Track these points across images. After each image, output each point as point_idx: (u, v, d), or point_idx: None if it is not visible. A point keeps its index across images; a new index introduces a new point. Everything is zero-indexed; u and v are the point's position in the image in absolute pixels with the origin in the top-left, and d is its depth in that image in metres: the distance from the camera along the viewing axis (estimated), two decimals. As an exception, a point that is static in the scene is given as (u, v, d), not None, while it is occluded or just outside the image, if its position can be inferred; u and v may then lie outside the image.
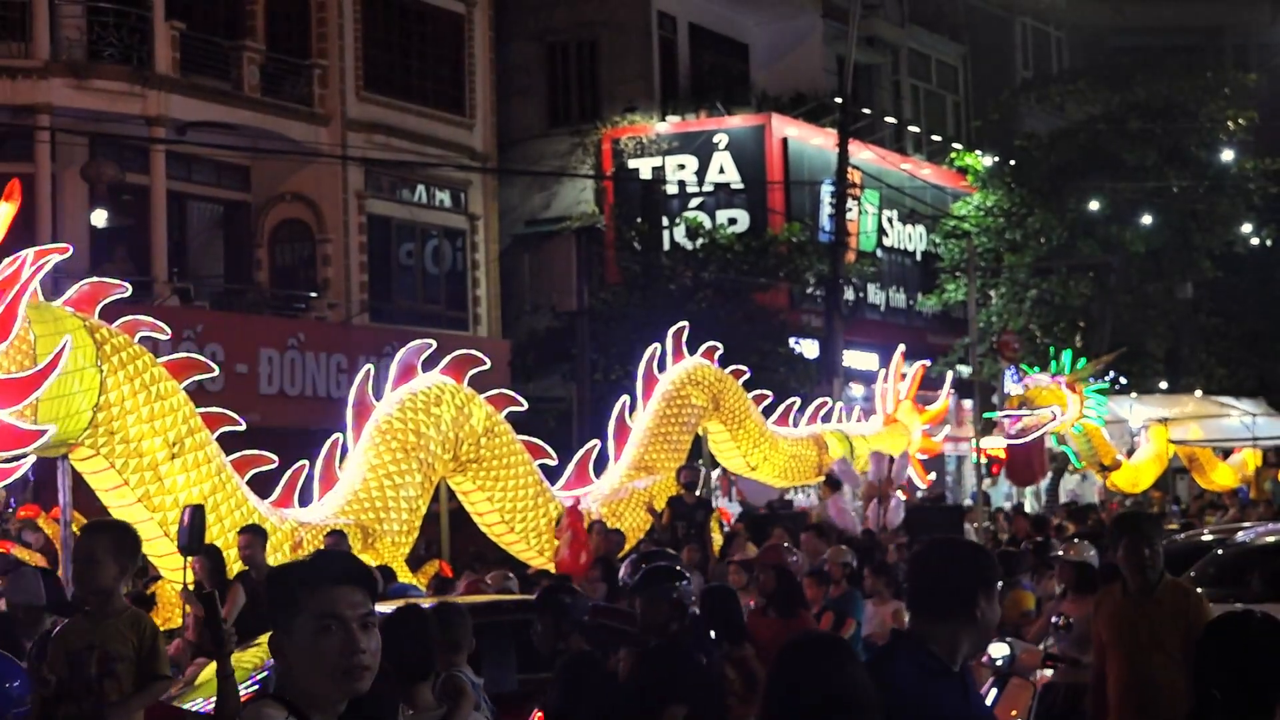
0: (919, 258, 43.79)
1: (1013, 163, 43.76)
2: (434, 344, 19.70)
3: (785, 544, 19.01)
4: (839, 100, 35.59)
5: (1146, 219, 42.53)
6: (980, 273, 41.53)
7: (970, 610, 5.38)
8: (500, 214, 35.77)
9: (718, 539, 21.94)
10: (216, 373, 19.21)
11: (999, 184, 43.41)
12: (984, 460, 32.58)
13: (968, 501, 34.73)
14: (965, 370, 39.35)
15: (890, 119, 44.90)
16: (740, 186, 37.90)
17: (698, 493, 22.37)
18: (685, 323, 25.24)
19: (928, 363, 32.40)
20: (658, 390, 23.57)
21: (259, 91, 29.63)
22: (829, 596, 14.90)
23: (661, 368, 23.79)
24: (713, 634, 10.15)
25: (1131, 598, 9.33)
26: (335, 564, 4.36)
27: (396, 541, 18.16)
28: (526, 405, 21.12)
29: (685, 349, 24.29)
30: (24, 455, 14.27)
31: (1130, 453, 36.45)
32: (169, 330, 16.57)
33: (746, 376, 25.45)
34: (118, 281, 15.74)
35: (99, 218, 28.47)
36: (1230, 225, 44.65)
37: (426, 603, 9.89)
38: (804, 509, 27.79)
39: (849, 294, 36.92)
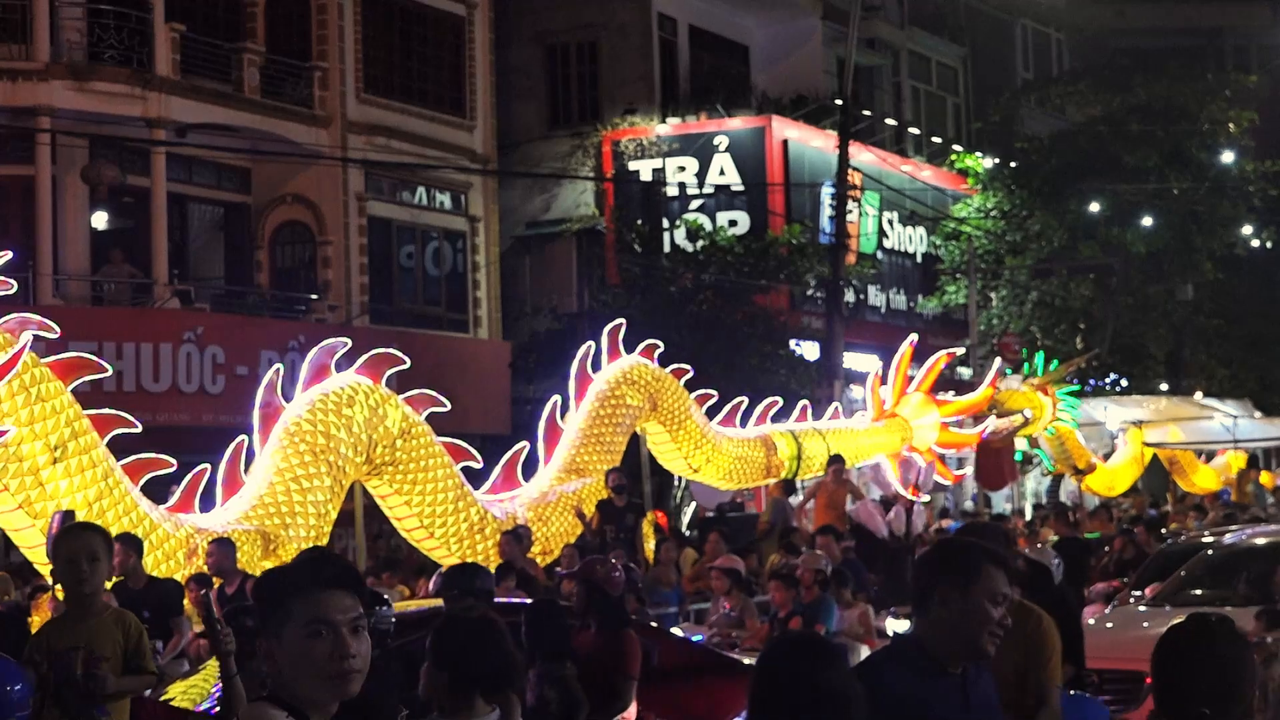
0: (919, 259, 43.78)
1: (1013, 164, 43.81)
2: (349, 343, 18.88)
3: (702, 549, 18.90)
4: (839, 102, 35.56)
5: (1147, 221, 42.57)
6: (981, 275, 41.56)
7: None
8: (501, 216, 35.76)
9: (651, 543, 21.33)
10: (109, 372, 18.52)
11: (999, 186, 43.45)
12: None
13: (968, 504, 34.69)
14: (967, 372, 39.37)
15: (890, 121, 44.90)
16: (740, 188, 37.88)
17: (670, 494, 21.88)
18: (622, 320, 24.51)
19: (958, 351, 31.81)
20: (591, 390, 22.74)
21: (259, 93, 29.62)
22: (799, 601, 14.83)
23: (596, 367, 22.99)
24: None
25: None
26: (325, 569, 4.38)
27: (303, 548, 16.36)
28: (449, 406, 20.30)
29: (622, 347, 23.45)
30: None
31: (1109, 456, 36.25)
32: (58, 329, 15.83)
33: (688, 376, 24.62)
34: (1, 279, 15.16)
35: (99, 220, 28.48)
36: (1231, 227, 44.68)
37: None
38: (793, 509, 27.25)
39: (849, 296, 36.89)
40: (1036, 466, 35.91)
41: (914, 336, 30.59)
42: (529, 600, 11.83)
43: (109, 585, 13.79)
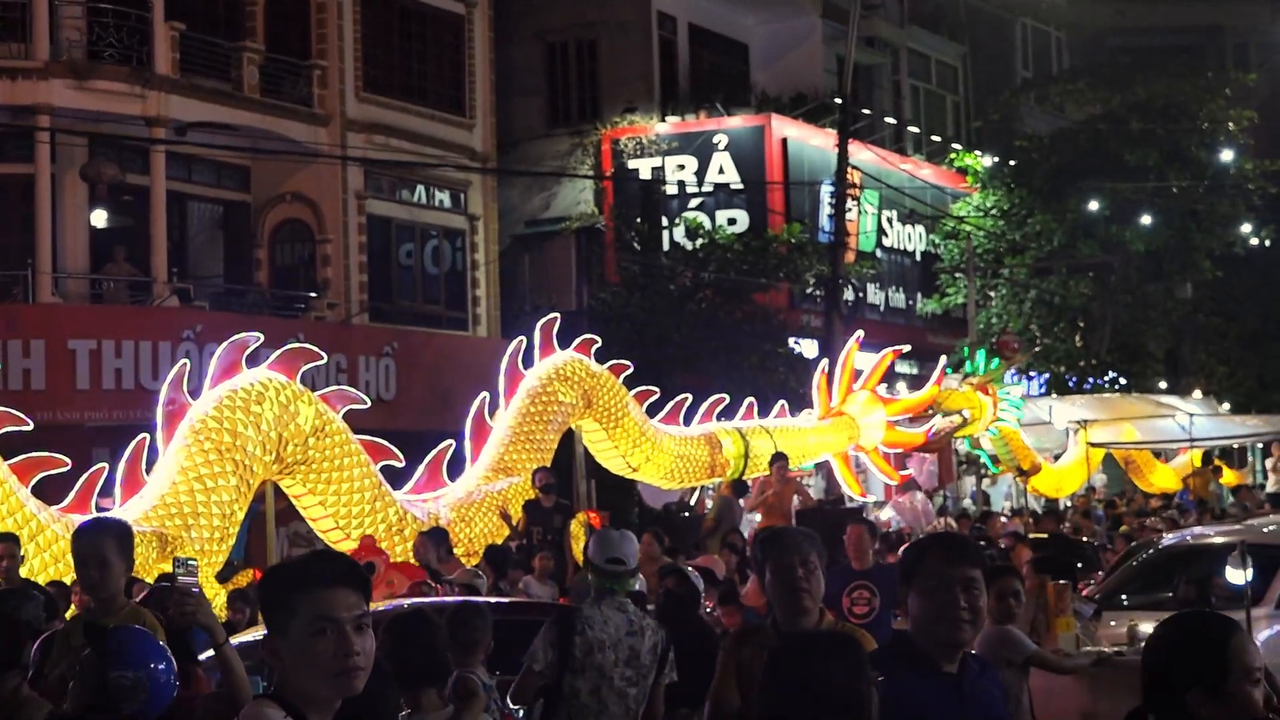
0: (919, 258, 43.81)
1: (1012, 163, 43.82)
2: (261, 337, 18.30)
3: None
4: (839, 100, 35.57)
5: (1146, 219, 42.55)
6: (980, 273, 41.55)
7: None
8: (500, 214, 35.76)
9: (580, 545, 20.86)
10: None
11: (999, 184, 43.47)
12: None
13: (966, 502, 34.64)
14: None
15: (890, 119, 44.94)
16: (740, 187, 37.92)
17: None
18: (557, 315, 24.04)
19: (904, 348, 31.28)
20: (522, 386, 22.16)
21: (259, 92, 29.62)
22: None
23: (528, 363, 22.40)
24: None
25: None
26: (329, 566, 4.40)
27: (206, 549, 16.79)
28: (369, 404, 20.04)
29: (555, 343, 22.86)
30: None
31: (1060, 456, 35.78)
32: None
33: (628, 372, 24.04)
34: None
35: (99, 218, 28.47)
36: (1230, 225, 44.69)
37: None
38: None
39: (849, 294, 36.91)
40: (980, 469, 35.40)
41: (860, 332, 30.07)
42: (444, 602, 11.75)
43: None
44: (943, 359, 32.37)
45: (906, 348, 31.69)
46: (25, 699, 7.00)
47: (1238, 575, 13.12)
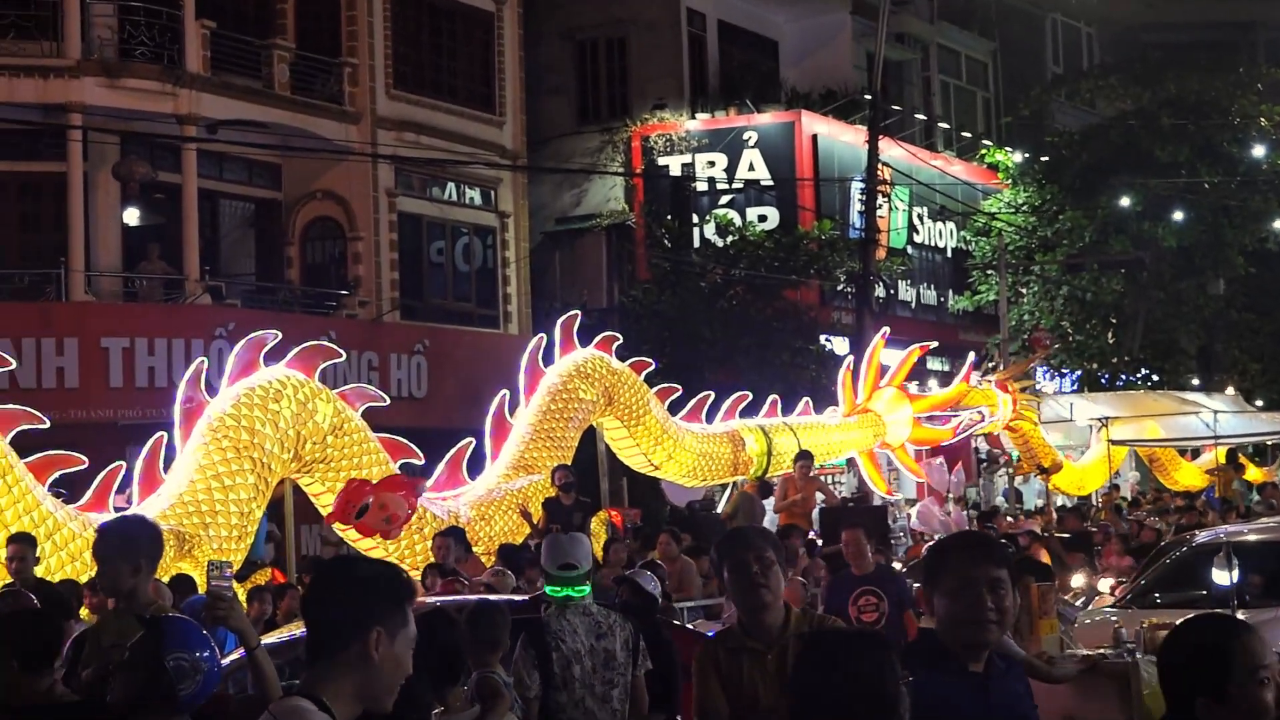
0: (950, 254, 43.71)
1: (1043, 159, 43.69)
2: (279, 335, 18.20)
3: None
4: (869, 97, 35.49)
5: (1178, 215, 42.38)
6: (1011, 270, 41.44)
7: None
8: (530, 211, 35.78)
9: (600, 543, 20.02)
10: (14, 365, 17.88)
11: (1030, 181, 43.36)
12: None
13: (999, 500, 34.55)
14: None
15: (920, 115, 44.84)
16: (770, 183, 37.87)
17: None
18: (577, 312, 24.01)
19: (931, 345, 31.12)
20: (543, 384, 22.13)
21: (289, 89, 29.67)
22: None
23: (549, 360, 22.38)
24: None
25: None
26: (408, 581, 4.55)
27: (223, 548, 16.67)
28: (388, 401, 19.98)
29: (576, 340, 22.85)
30: None
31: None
32: None
33: (651, 369, 24.08)
34: None
35: (131, 216, 28.57)
36: (1262, 221, 44.45)
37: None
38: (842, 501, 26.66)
39: (880, 291, 36.80)
40: (1004, 466, 35.20)
41: (886, 329, 29.95)
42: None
43: None
44: (970, 355, 32.28)
45: (933, 344, 31.55)
46: (59, 696, 7.02)
47: (1223, 576, 13.11)
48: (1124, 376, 42.62)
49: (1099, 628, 14.33)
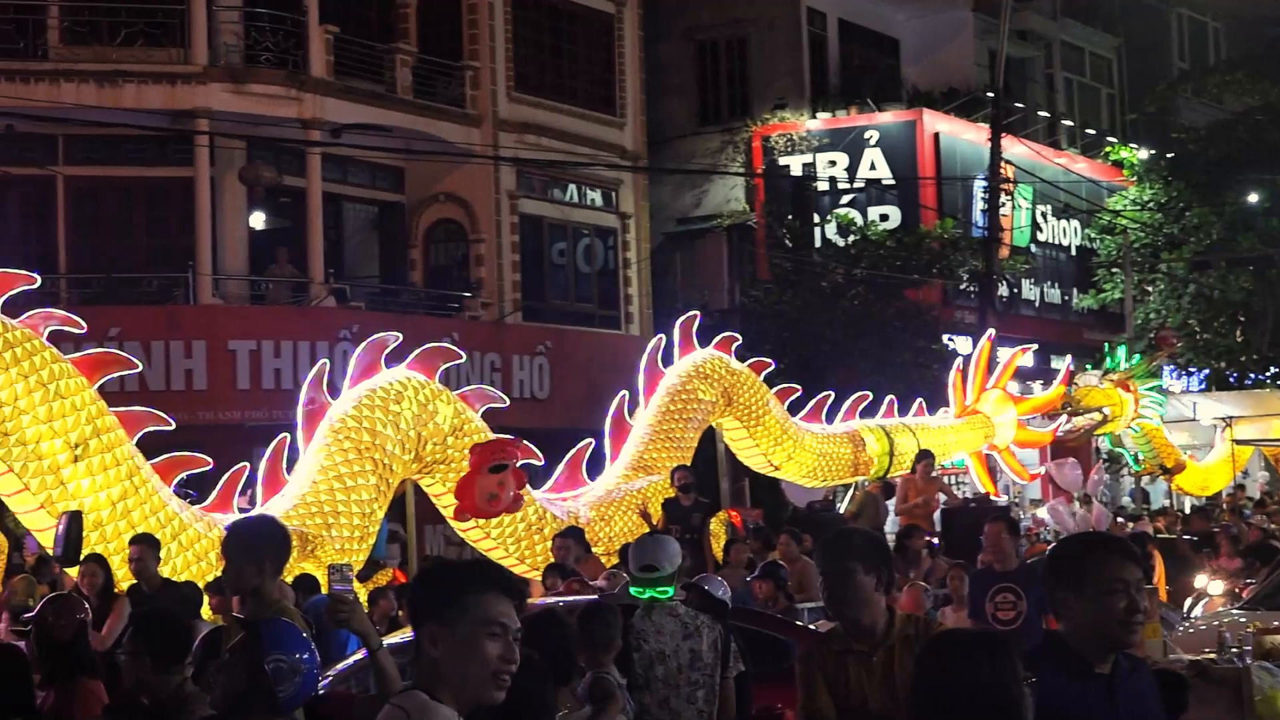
0: (1074, 253, 43.30)
1: (1169, 156, 43.19)
2: (400, 337, 18.26)
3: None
4: (991, 94, 35.29)
5: (1308, 211, 41.79)
6: (1137, 268, 41.01)
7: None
8: (651, 212, 35.83)
9: (720, 544, 20.02)
10: (139, 368, 17.81)
11: (1155, 178, 42.88)
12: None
13: (1125, 500, 34.21)
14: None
15: (1043, 113, 44.44)
16: (891, 182, 37.70)
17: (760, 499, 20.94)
18: (696, 313, 23.96)
19: (1033, 347, 30.80)
20: (662, 385, 22.12)
21: (412, 93, 29.89)
22: None
23: (668, 361, 22.35)
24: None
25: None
26: (498, 574, 4.61)
27: (346, 548, 16.77)
28: (508, 402, 19.94)
29: (695, 340, 22.80)
30: None
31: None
32: (84, 325, 15.46)
33: (770, 369, 23.99)
34: (23, 273, 14.84)
35: (257, 220, 28.92)
36: (1394, 216, 43.71)
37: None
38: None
39: (1003, 290, 36.58)
40: (1123, 467, 34.73)
41: (991, 331, 29.72)
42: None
43: (124, 588, 13.75)
44: (1068, 358, 31.96)
45: (1034, 346, 31.30)
46: (189, 694, 7.14)
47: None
48: (1252, 375, 42.03)
49: (1203, 633, 14.08)
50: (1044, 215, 41.65)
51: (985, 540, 13.10)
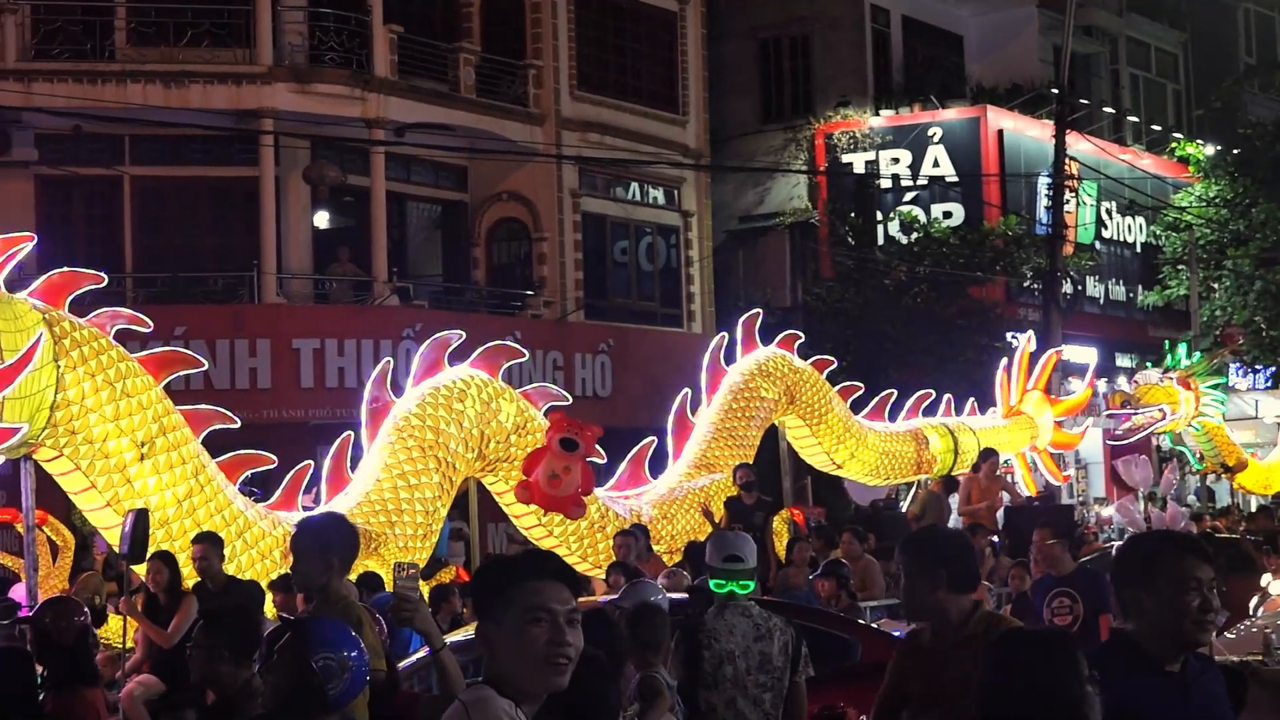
0: (1139, 250, 43.06)
1: (1236, 152, 42.83)
2: (463, 335, 18.34)
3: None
4: (1056, 91, 35.11)
5: (1376, 207, 41.37)
6: (1202, 265, 40.73)
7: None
8: (713, 210, 35.83)
9: (782, 542, 20.13)
10: (204, 366, 17.94)
11: (1222, 174, 42.53)
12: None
13: (1191, 499, 33.98)
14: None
15: (1108, 109, 44.18)
16: (955, 180, 37.56)
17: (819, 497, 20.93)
18: (759, 310, 23.96)
19: (1061, 350, 30.69)
20: (725, 383, 22.09)
21: (475, 92, 29.97)
22: None
23: (730, 359, 22.33)
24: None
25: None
26: (545, 561, 4.59)
27: (409, 546, 16.87)
28: (571, 400, 19.91)
29: (758, 338, 22.75)
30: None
31: None
32: (151, 323, 15.48)
33: (833, 367, 23.96)
34: (90, 272, 14.87)
35: (321, 219, 29.07)
36: None
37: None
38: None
39: (1067, 287, 36.38)
40: (1185, 466, 34.45)
41: (1030, 333, 29.59)
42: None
43: (189, 585, 13.84)
44: (1092, 359, 31.75)
45: (1063, 349, 31.06)
46: (256, 689, 7.20)
47: None
48: (1241, 372, 41.66)
49: (1252, 635, 13.95)
50: (1109, 212, 41.43)
51: (1033, 551, 12.95)
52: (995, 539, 21.64)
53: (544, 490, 18.06)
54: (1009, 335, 35.07)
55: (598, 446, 18.80)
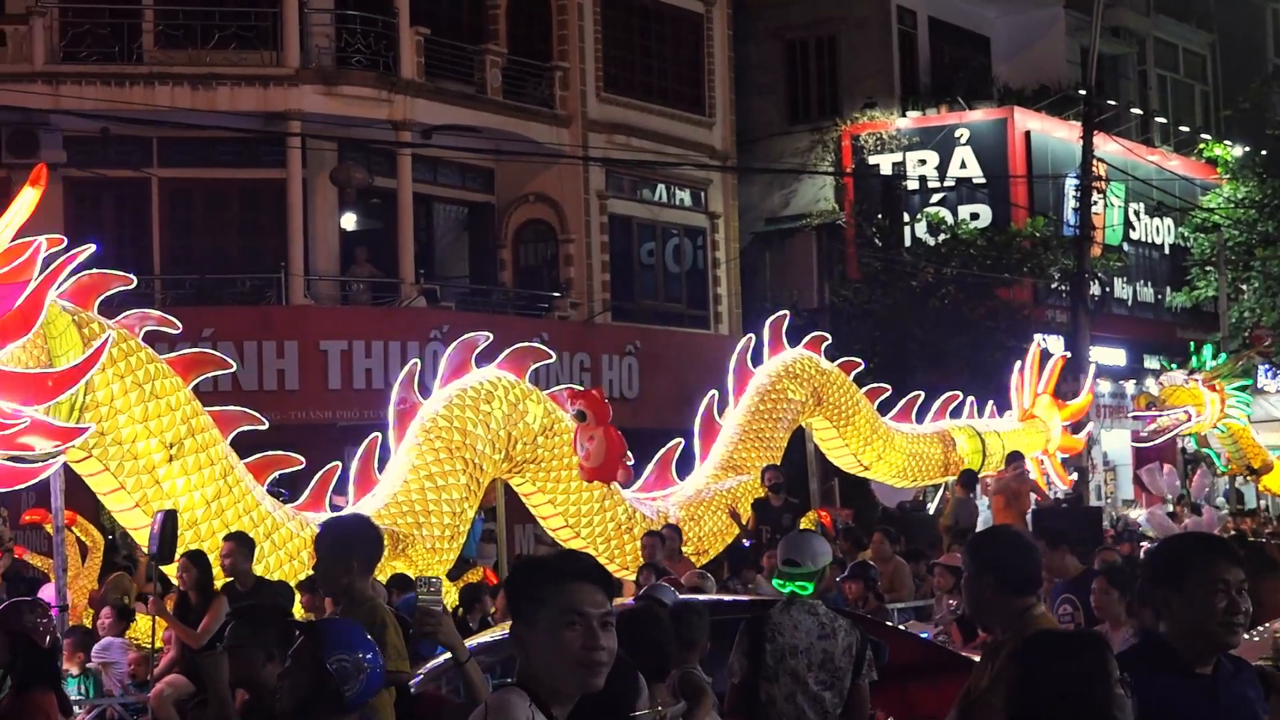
0: (1167, 251, 42.95)
1: (1264, 153, 42.69)
2: (490, 337, 18.31)
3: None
4: (1083, 92, 35.02)
5: (1406, 208, 41.21)
6: (1231, 266, 40.61)
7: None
8: (740, 212, 35.82)
9: None
10: (233, 368, 17.96)
11: (1250, 175, 42.40)
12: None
13: (1220, 501, 33.87)
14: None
15: (1136, 110, 44.08)
16: (982, 181, 37.48)
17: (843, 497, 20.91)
18: (786, 312, 23.95)
19: (1068, 355, 30.64)
20: (752, 384, 22.09)
21: (501, 94, 30.00)
22: None
23: (757, 361, 22.32)
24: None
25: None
26: (579, 563, 4.57)
27: (436, 548, 16.92)
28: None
29: (785, 340, 22.75)
30: (55, 455, 13.42)
31: None
32: (179, 325, 15.56)
33: (860, 369, 23.95)
34: (119, 274, 14.82)
35: (348, 221, 29.12)
36: None
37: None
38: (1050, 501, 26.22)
39: (1095, 289, 36.30)
40: (1210, 468, 34.31)
41: (1039, 337, 29.47)
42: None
43: (219, 585, 13.81)
44: (1092, 365, 31.67)
45: (1067, 355, 30.96)
46: None
47: None
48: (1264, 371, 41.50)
49: (1260, 641, 13.88)
50: (1137, 213, 41.33)
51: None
52: None
53: (584, 466, 18.10)
54: (1037, 337, 35.01)
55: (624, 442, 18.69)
